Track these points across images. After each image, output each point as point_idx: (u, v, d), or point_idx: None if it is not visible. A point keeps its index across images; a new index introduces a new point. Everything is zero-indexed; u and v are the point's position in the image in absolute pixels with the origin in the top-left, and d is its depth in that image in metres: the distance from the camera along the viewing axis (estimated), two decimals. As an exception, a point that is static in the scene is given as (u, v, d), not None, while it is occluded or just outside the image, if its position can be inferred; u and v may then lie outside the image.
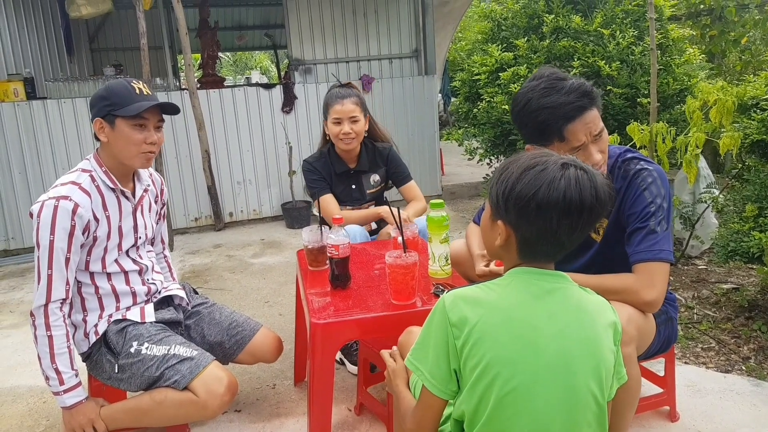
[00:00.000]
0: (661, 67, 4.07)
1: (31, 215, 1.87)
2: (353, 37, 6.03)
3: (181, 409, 1.86)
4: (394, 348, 1.54)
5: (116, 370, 1.95)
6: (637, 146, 3.27)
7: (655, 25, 3.56)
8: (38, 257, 1.84)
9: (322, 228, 2.17)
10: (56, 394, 1.89)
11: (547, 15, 4.43)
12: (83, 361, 2.05)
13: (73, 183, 1.92)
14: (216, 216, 5.46)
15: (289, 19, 5.79)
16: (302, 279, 2.15)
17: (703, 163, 3.56)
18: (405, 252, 1.81)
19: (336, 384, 2.01)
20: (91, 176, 1.97)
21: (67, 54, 6.81)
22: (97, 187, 1.97)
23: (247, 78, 21.16)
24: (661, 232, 1.67)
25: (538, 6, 4.60)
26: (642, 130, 3.23)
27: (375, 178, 2.88)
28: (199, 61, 6.82)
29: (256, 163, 5.62)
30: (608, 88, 4.06)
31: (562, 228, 1.14)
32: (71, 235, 1.86)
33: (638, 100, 4.03)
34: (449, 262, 2.01)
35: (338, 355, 2.63)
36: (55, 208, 1.84)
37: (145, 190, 2.15)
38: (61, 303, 1.87)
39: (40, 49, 6.74)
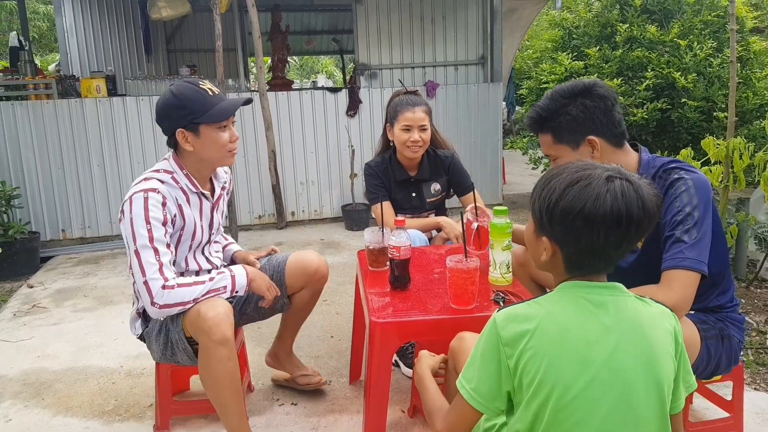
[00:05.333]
0: (740, 80, 3.91)
1: (123, 214, 1.90)
2: (420, 43, 6.06)
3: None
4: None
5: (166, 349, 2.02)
6: (712, 161, 3.15)
7: (736, 37, 3.42)
8: (136, 251, 1.85)
9: (384, 229, 2.20)
10: (233, 289, 1.96)
11: (620, 24, 4.34)
12: (138, 338, 2.13)
13: (158, 180, 1.97)
14: (279, 214, 5.59)
15: (357, 24, 5.87)
16: (362, 279, 2.18)
17: (782, 181, 3.39)
18: (466, 257, 1.81)
19: (391, 385, 2.02)
20: (174, 178, 2.01)
21: (145, 54, 7.16)
22: (181, 188, 2.02)
23: (313, 82, 21.56)
24: (690, 241, 1.62)
25: (612, 15, 4.51)
26: (718, 145, 3.11)
27: (436, 187, 2.86)
28: (268, 64, 7.02)
29: (319, 164, 5.73)
30: (683, 100, 3.93)
31: (610, 242, 1.13)
32: (164, 224, 1.91)
33: (714, 113, 3.89)
34: (510, 269, 2.00)
35: (394, 358, 2.65)
36: (145, 200, 1.88)
37: (223, 188, 2.21)
38: (171, 263, 1.89)
39: (120, 48, 7.11)
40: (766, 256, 3.42)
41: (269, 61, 7.29)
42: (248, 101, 2.08)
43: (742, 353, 1.89)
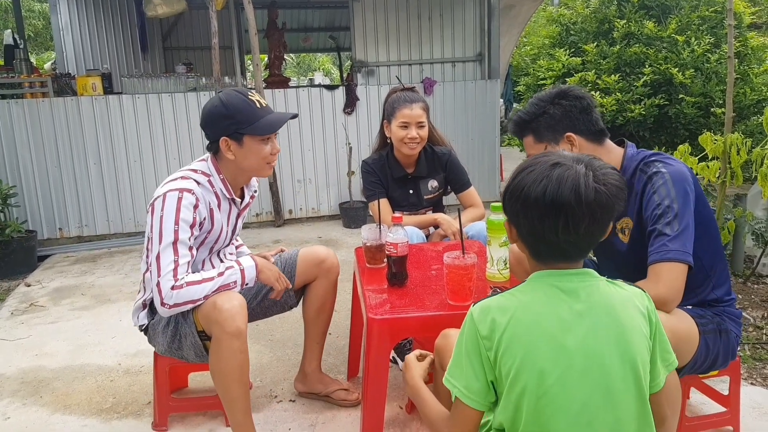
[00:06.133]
0: (738, 76, 3.91)
1: (153, 208, 1.90)
2: (417, 40, 6.05)
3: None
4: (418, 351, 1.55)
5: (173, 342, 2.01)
6: (710, 157, 3.15)
7: (734, 32, 3.42)
8: (158, 252, 1.85)
9: (381, 226, 2.20)
10: (243, 282, 1.97)
11: (618, 20, 4.34)
12: (141, 330, 2.12)
13: (195, 180, 1.98)
14: (276, 213, 5.59)
15: (354, 21, 5.86)
16: (360, 276, 2.18)
17: (779, 177, 3.39)
18: (463, 253, 1.81)
19: (388, 382, 2.02)
20: (210, 181, 2.03)
21: (141, 52, 7.14)
22: (215, 192, 2.04)
23: (310, 79, 21.53)
24: (672, 233, 1.64)
25: (610, 11, 4.51)
26: (715, 140, 3.11)
27: (433, 183, 2.86)
28: (265, 62, 7.00)
29: (316, 162, 5.72)
30: (680, 96, 3.93)
31: (547, 227, 1.15)
32: (192, 226, 1.92)
33: (712, 109, 3.89)
34: (508, 265, 2.00)
35: (391, 354, 2.65)
36: (179, 199, 1.89)
37: (252, 196, 2.23)
38: (188, 264, 1.90)
39: (116, 46, 7.09)
40: (763, 251, 3.43)
41: (266, 58, 7.27)
42: (294, 116, 2.10)
43: (738, 348, 1.89)
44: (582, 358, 1.12)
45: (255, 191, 2.26)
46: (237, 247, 2.44)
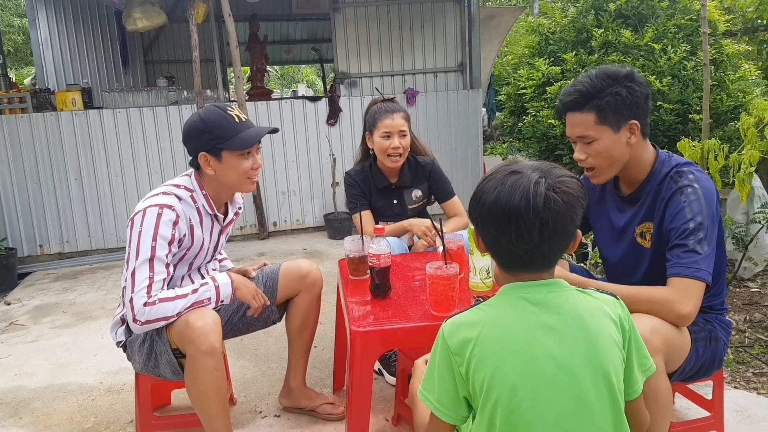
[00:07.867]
0: (714, 82, 3.97)
1: (132, 223, 1.88)
2: (399, 51, 6.08)
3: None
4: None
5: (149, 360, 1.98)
6: (688, 163, 3.19)
7: (709, 40, 3.47)
8: (134, 267, 1.84)
9: (364, 238, 2.19)
10: (218, 299, 1.94)
11: (596, 29, 4.39)
12: (119, 346, 2.09)
13: (176, 196, 1.96)
14: (260, 225, 5.56)
15: (336, 33, 5.88)
16: (343, 288, 2.17)
17: (757, 182, 3.44)
18: (446, 263, 1.81)
19: (374, 394, 2.01)
20: (192, 197, 2.01)
21: (122, 66, 7.09)
22: (197, 208, 2.02)
23: (293, 91, 21.54)
24: (703, 253, 1.63)
25: (587, 20, 4.56)
26: (693, 146, 3.15)
27: (417, 193, 2.86)
28: (248, 74, 6.99)
29: (300, 174, 5.71)
30: (659, 103, 3.98)
31: (501, 235, 1.16)
32: (171, 243, 1.90)
33: (690, 116, 3.94)
34: (490, 275, 2.00)
35: (377, 366, 2.64)
36: (158, 215, 1.88)
37: (236, 213, 2.21)
38: (164, 282, 1.88)
39: (97, 60, 7.04)
40: (744, 255, 3.47)
41: (248, 71, 7.26)
42: (274, 130, 2.09)
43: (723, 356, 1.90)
44: (552, 369, 1.12)
45: (239, 208, 2.25)
46: (220, 261, 2.42)
